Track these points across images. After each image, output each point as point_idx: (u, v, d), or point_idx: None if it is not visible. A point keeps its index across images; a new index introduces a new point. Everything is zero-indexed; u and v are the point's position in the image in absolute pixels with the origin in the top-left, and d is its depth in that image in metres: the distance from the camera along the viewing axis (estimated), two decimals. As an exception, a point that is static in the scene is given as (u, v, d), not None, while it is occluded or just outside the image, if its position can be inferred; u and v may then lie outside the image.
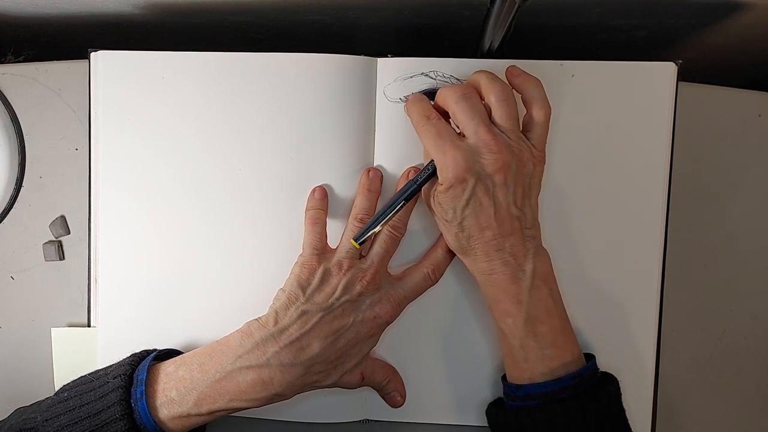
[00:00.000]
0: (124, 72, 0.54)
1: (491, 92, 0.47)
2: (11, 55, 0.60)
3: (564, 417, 0.45)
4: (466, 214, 0.46)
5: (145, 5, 0.59)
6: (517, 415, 0.47)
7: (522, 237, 0.47)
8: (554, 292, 0.48)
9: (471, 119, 0.46)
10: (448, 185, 0.46)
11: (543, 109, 0.48)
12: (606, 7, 0.58)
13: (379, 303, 0.50)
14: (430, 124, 0.48)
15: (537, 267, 0.47)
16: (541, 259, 0.47)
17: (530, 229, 0.47)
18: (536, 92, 0.48)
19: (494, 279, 0.47)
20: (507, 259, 0.47)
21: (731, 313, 0.57)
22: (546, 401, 0.46)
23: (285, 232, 0.53)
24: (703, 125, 0.56)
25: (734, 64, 0.74)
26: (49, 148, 0.57)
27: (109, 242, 0.54)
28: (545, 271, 0.48)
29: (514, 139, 0.46)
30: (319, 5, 0.59)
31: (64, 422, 0.46)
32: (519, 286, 0.47)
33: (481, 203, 0.46)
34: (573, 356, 0.47)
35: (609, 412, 0.47)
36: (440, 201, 0.47)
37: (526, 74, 0.48)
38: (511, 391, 0.49)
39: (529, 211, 0.48)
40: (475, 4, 0.56)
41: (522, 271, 0.47)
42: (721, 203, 0.57)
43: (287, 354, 0.47)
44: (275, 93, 0.53)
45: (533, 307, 0.47)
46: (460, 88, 0.48)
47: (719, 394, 0.57)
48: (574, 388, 0.46)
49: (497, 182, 0.46)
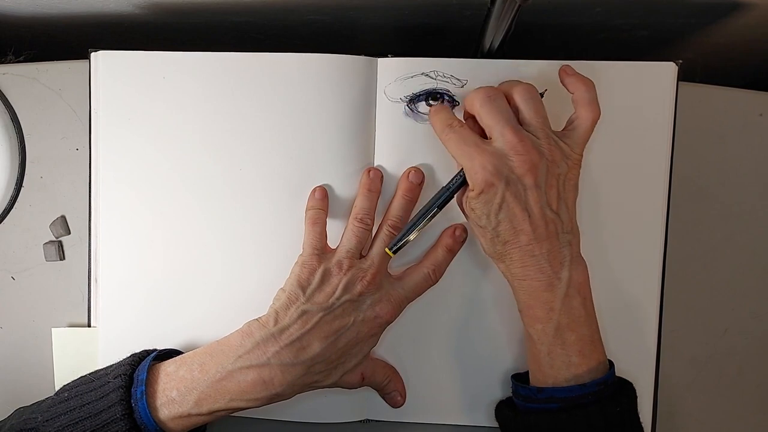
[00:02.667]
0: (125, 72, 0.54)
1: (515, 92, 0.46)
2: (11, 55, 0.60)
3: (587, 421, 0.45)
4: (500, 218, 0.45)
5: (146, 5, 0.59)
6: (538, 417, 0.47)
7: (558, 243, 0.46)
8: (587, 301, 0.47)
9: (497, 121, 0.45)
10: (479, 191, 0.45)
11: (591, 113, 0.47)
12: (606, 7, 0.58)
13: (380, 303, 0.50)
14: (453, 132, 0.47)
15: (573, 276, 0.46)
16: (577, 268, 0.46)
17: (567, 234, 0.46)
18: (587, 94, 0.47)
19: (528, 285, 0.46)
20: (542, 266, 0.45)
21: (732, 312, 0.57)
22: (569, 405, 0.46)
23: (285, 232, 0.53)
24: (703, 125, 0.56)
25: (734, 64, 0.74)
26: (49, 148, 0.57)
27: (109, 242, 0.54)
28: (581, 281, 0.46)
29: (543, 138, 0.45)
30: (319, 5, 0.59)
31: (64, 422, 0.46)
32: (553, 294, 0.46)
33: (514, 207, 0.45)
34: (598, 363, 0.47)
35: (629, 417, 0.47)
36: (473, 207, 0.47)
37: (578, 75, 0.47)
38: (530, 393, 0.48)
39: (566, 214, 0.46)
40: (476, 4, 0.56)
41: (558, 279, 0.46)
42: (721, 203, 0.57)
43: (288, 354, 0.47)
44: (275, 93, 0.53)
45: (564, 316, 0.46)
46: (484, 90, 0.47)
47: (719, 394, 0.57)
48: (598, 393, 0.46)
49: (527, 185, 0.45)
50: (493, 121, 0.46)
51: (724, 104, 0.56)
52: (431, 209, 0.49)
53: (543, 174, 0.45)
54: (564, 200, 0.46)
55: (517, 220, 0.45)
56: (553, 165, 0.45)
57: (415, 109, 0.52)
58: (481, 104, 0.46)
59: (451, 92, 0.52)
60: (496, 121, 0.45)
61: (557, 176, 0.46)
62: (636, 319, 0.53)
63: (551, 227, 0.45)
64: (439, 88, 0.52)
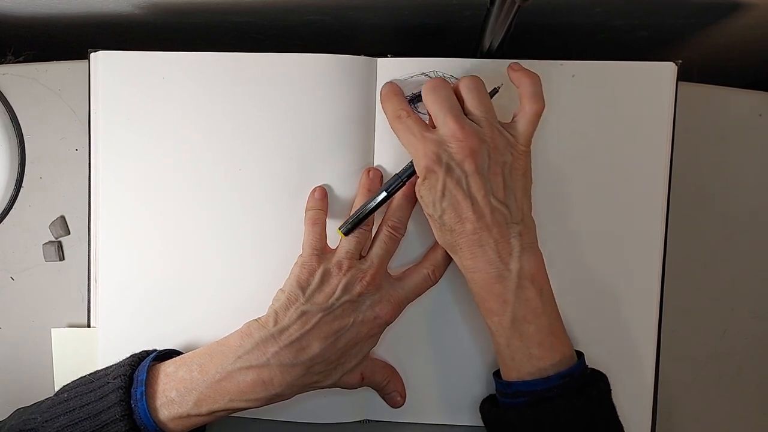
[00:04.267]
0: (124, 72, 0.54)
1: (461, 84, 0.47)
2: (11, 55, 0.60)
3: (553, 415, 0.45)
4: (444, 206, 0.46)
5: (145, 5, 0.59)
6: (506, 411, 0.47)
7: (507, 232, 0.46)
8: (545, 292, 0.47)
9: (440, 110, 0.46)
10: (423, 178, 0.46)
11: (534, 105, 0.47)
12: (606, 7, 0.58)
13: (379, 303, 0.50)
14: (400, 123, 0.48)
15: (524, 266, 0.46)
16: (528, 258, 0.46)
17: (517, 225, 0.46)
18: (531, 87, 0.47)
19: (479, 277, 0.46)
20: (491, 257, 0.46)
21: (732, 312, 0.57)
22: (536, 399, 0.46)
23: (285, 232, 0.53)
24: (703, 125, 0.56)
25: (734, 64, 0.74)
26: (49, 148, 0.57)
27: (109, 242, 0.54)
28: (533, 271, 0.46)
29: (486, 127, 0.46)
30: (319, 5, 0.59)
31: (64, 423, 0.46)
32: (504, 286, 0.46)
33: (456, 194, 0.45)
34: (563, 356, 0.46)
35: (600, 409, 0.46)
36: (421, 194, 0.48)
37: (525, 69, 0.48)
38: (501, 387, 0.49)
39: (514, 204, 0.46)
40: (476, 4, 0.56)
41: (508, 270, 0.46)
42: (721, 203, 0.57)
43: (287, 354, 0.47)
44: (275, 93, 0.53)
45: (520, 308, 0.46)
46: (431, 81, 0.48)
47: (719, 394, 0.57)
48: (563, 386, 0.45)
49: (468, 171, 0.45)
50: (437, 110, 0.47)
51: (724, 104, 0.56)
52: (379, 194, 0.50)
53: (485, 161, 0.45)
54: (512, 189, 0.46)
55: (460, 208, 0.46)
56: (496, 152, 0.46)
57: (414, 109, 0.52)
58: (427, 94, 0.47)
59: (450, 92, 0.52)
60: (438, 110, 0.47)
61: (501, 164, 0.46)
62: (636, 319, 0.53)
63: (497, 216, 0.45)
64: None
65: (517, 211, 0.46)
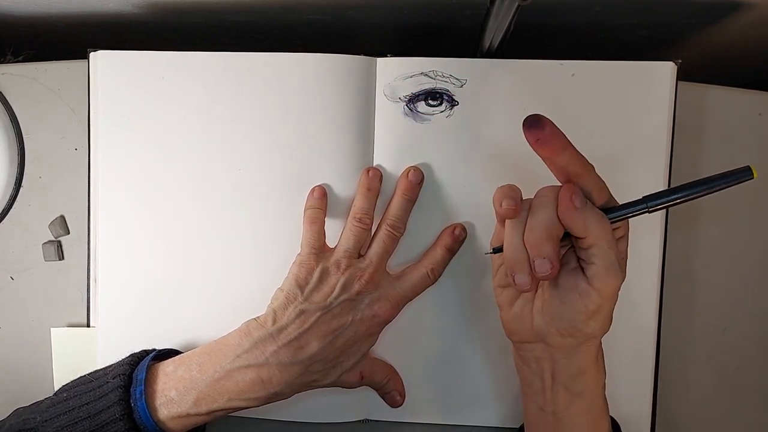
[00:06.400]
0: (124, 72, 0.54)
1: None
2: (11, 55, 0.60)
3: None
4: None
5: (145, 5, 0.59)
6: None
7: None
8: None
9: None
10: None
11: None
12: (606, 7, 0.58)
13: (378, 302, 0.50)
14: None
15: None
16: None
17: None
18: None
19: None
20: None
21: (732, 312, 0.57)
22: None
23: (284, 231, 0.53)
24: (703, 125, 0.56)
25: (734, 64, 0.74)
26: (48, 148, 0.57)
27: (108, 242, 0.54)
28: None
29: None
30: (319, 5, 0.59)
31: (63, 422, 0.46)
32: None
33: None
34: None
35: None
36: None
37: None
38: None
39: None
40: (475, 4, 0.56)
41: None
42: (722, 203, 0.56)
43: (286, 353, 0.47)
44: (275, 93, 0.53)
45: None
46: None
47: (719, 394, 0.57)
48: None
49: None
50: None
51: (724, 104, 0.56)
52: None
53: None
54: None
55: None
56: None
57: (414, 109, 0.52)
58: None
59: (450, 92, 0.52)
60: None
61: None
62: (636, 319, 0.53)
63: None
64: (438, 88, 0.52)
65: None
